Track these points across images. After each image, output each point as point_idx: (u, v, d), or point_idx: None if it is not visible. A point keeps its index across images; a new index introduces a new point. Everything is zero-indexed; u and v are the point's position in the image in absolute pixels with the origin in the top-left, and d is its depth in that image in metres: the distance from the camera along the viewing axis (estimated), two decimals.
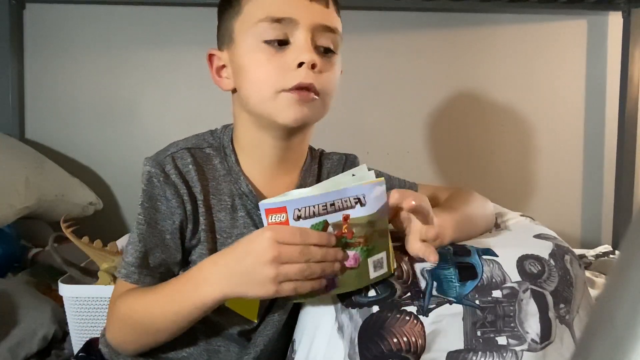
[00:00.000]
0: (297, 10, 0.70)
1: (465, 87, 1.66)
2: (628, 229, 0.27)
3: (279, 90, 0.70)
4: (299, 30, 0.70)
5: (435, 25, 1.64)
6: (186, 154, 0.74)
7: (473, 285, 0.68)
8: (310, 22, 0.70)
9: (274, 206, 0.60)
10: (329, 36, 0.72)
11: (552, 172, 1.69)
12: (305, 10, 0.70)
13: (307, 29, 0.70)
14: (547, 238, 0.77)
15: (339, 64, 0.76)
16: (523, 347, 0.65)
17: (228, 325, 0.75)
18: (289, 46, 0.70)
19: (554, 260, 0.71)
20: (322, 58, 0.71)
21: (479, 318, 0.66)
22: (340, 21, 0.76)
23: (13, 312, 1.01)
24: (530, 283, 0.69)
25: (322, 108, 0.74)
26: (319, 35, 0.71)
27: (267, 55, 0.70)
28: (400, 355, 0.65)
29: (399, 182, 0.88)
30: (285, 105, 0.70)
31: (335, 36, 0.73)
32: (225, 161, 0.77)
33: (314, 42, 0.71)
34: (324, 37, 0.72)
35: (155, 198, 0.72)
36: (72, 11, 1.57)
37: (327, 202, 0.60)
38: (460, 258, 0.70)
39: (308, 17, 0.70)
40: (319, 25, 0.71)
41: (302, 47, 0.70)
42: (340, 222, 0.62)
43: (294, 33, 0.70)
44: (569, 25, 1.66)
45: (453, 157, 1.68)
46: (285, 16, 0.70)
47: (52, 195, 1.39)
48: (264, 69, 0.70)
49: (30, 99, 1.58)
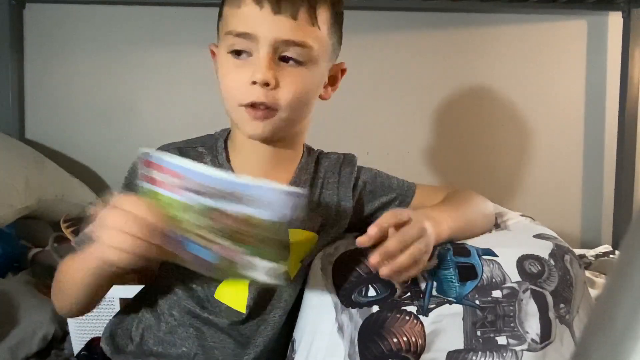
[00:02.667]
0: (259, 25, 0.69)
1: (465, 87, 1.66)
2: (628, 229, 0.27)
3: (237, 104, 0.72)
4: (259, 45, 0.70)
5: (435, 25, 1.64)
6: (175, 152, 0.76)
7: (473, 286, 0.68)
8: (272, 38, 0.69)
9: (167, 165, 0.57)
10: (295, 50, 0.71)
11: (552, 172, 1.69)
12: (268, 25, 0.69)
13: (268, 45, 0.70)
14: (547, 238, 0.77)
15: (311, 76, 0.74)
16: (523, 347, 0.65)
17: (217, 319, 0.75)
18: (250, 59, 0.71)
19: (554, 260, 0.71)
20: (284, 70, 0.71)
21: (479, 318, 0.66)
22: (324, 29, 0.74)
23: (13, 312, 1.01)
24: (530, 283, 0.69)
25: (286, 122, 0.74)
26: (284, 49, 0.71)
27: (232, 67, 0.72)
28: (400, 355, 0.65)
29: (398, 183, 0.87)
30: (244, 120, 0.73)
31: (302, 49, 0.71)
32: (216, 159, 0.78)
33: (277, 54, 0.71)
34: (289, 50, 0.71)
35: (133, 184, 0.75)
36: (72, 11, 1.57)
37: (224, 188, 0.56)
38: (460, 258, 0.70)
39: (270, 33, 0.69)
40: (280, 40, 0.70)
41: (257, 65, 0.70)
42: (229, 213, 0.57)
43: (253, 49, 0.71)
44: (569, 25, 1.66)
45: (453, 157, 1.68)
46: (246, 31, 0.70)
47: (52, 195, 1.39)
48: (229, 80, 0.73)
49: (30, 99, 1.58)
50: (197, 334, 0.76)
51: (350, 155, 0.88)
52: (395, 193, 0.85)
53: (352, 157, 0.88)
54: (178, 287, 0.77)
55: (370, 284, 0.69)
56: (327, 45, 0.76)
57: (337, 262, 0.73)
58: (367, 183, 0.85)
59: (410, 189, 0.86)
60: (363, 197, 0.84)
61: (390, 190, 0.85)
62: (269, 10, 0.69)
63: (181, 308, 0.76)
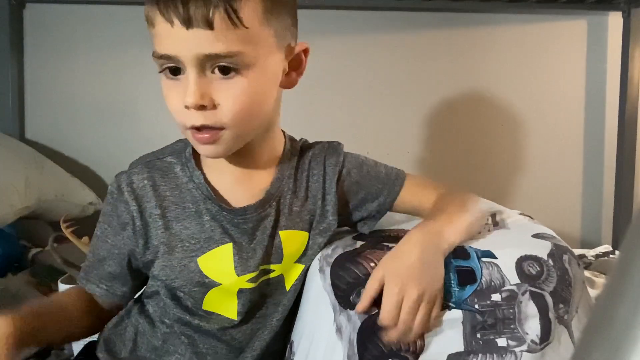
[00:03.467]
0: (176, 44, 0.63)
1: (465, 87, 1.66)
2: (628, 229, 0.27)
3: (182, 127, 0.68)
4: (184, 65, 0.64)
5: (435, 25, 1.64)
6: (143, 170, 0.74)
7: (472, 290, 0.68)
8: (193, 55, 0.62)
9: None
10: (222, 61, 0.63)
11: (552, 172, 1.69)
12: (185, 42, 0.62)
13: (191, 64, 0.63)
14: (546, 237, 0.76)
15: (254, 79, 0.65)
16: (522, 347, 0.65)
17: (209, 325, 0.75)
18: (182, 76, 0.65)
19: (553, 260, 0.71)
20: (220, 85, 0.64)
21: (478, 322, 0.66)
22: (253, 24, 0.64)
23: None
24: (529, 285, 0.68)
25: (238, 136, 0.68)
26: (209, 64, 0.64)
27: (167, 87, 0.67)
28: (399, 354, 0.65)
29: (386, 171, 0.83)
30: (195, 143, 0.69)
31: (231, 58, 0.63)
32: (186, 167, 0.75)
33: (206, 69, 0.64)
34: (215, 64, 0.64)
35: (108, 214, 0.76)
36: (72, 11, 1.57)
37: None
38: (460, 261, 0.70)
39: (189, 50, 0.62)
40: (201, 55, 0.62)
41: (186, 87, 0.64)
42: None
43: (181, 68, 0.65)
44: (569, 25, 1.66)
45: (453, 157, 1.68)
46: (165, 53, 0.64)
47: (52, 195, 1.39)
48: (168, 102, 0.68)
49: (30, 99, 1.58)
50: (189, 341, 0.75)
51: (335, 143, 0.83)
52: (382, 183, 0.81)
53: (337, 145, 0.83)
54: (166, 297, 0.75)
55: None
56: (264, 40, 0.66)
57: (335, 264, 0.73)
58: (352, 173, 0.80)
59: (399, 179, 0.82)
60: (348, 188, 0.80)
61: (378, 180, 0.81)
62: (180, 26, 0.61)
63: (171, 316, 0.76)
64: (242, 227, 0.73)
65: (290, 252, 0.76)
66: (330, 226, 0.78)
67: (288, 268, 0.77)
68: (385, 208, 0.83)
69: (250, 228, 0.74)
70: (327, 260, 0.75)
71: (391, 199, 0.82)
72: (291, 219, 0.76)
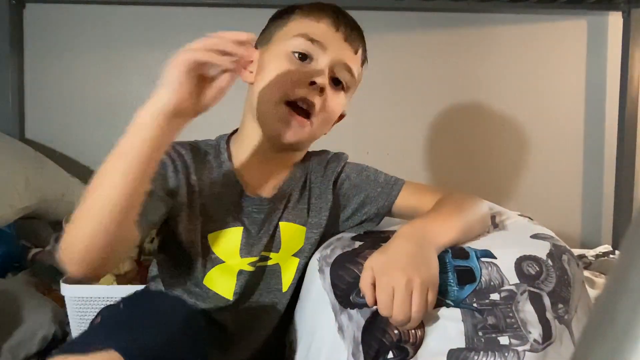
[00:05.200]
0: (331, 41, 0.80)
1: (465, 87, 1.66)
2: (628, 229, 0.27)
3: (283, 99, 0.77)
4: (324, 56, 0.79)
5: (435, 25, 1.64)
6: (186, 146, 0.82)
7: (471, 289, 0.68)
8: (336, 55, 0.79)
9: None
10: (346, 74, 0.82)
11: (552, 172, 1.69)
12: (337, 44, 0.80)
13: (331, 59, 0.79)
14: (545, 238, 0.77)
15: (344, 103, 0.84)
16: (525, 347, 0.65)
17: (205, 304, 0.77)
18: (310, 64, 0.79)
19: (552, 261, 0.71)
20: (331, 90, 0.80)
21: (478, 320, 0.66)
22: (361, 72, 0.86)
23: (13, 313, 1.01)
24: (528, 285, 0.69)
25: (311, 132, 0.80)
26: (338, 70, 0.81)
27: (290, 65, 0.78)
28: (399, 345, 0.65)
29: (385, 178, 0.87)
30: (280, 118, 0.78)
31: (351, 78, 0.82)
32: (218, 155, 0.83)
33: (332, 72, 0.80)
34: (342, 72, 0.81)
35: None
36: (72, 11, 1.57)
37: None
38: (459, 261, 0.70)
39: (336, 51, 0.80)
40: (341, 62, 0.80)
41: (319, 71, 0.78)
42: None
43: (319, 57, 0.79)
44: (569, 25, 1.66)
45: (453, 157, 1.68)
46: (320, 40, 0.79)
47: (52, 195, 1.39)
48: (282, 75, 0.78)
49: (30, 99, 1.58)
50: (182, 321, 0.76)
51: (341, 153, 0.91)
52: (380, 187, 0.86)
53: (342, 154, 0.91)
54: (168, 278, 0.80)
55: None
56: (356, 87, 0.86)
57: (335, 264, 0.73)
58: (351, 177, 0.87)
59: (397, 184, 0.86)
60: (348, 191, 0.86)
61: (376, 184, 0.86)
62: (342, 36, 0.81)
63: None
64: (254, 216, 0.81)
65: (288, 243, 0.81)
66: (321, 222, 0.83)
67: (285, 259, 0.81)
68: (384, 212, 0.86)
69: (261, 219, 0.81)
70: (326, 260, 0.75)
71: (390, 202, 0.85)
72: (293, 213, 0.82)
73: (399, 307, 0.63)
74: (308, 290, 0.77)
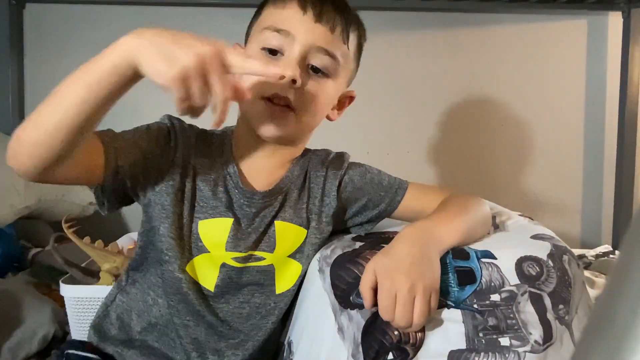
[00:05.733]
0: (299, 27, 0.74)
1: (465, 86, 1.66)
2: (628, 229, 0.27)
3: (258, 96, 0.74)
4: (294, 45, 0.74)
5: (435, 25, 1.64)
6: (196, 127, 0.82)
7: (472, 290, 0.68)
8: (307, 41, 0.74)
9: None
10: (324, 58, 0.75)
11: (552, 172, 1.69)
12: (307, 29, 0.74)
13: (302, 46, 0.73)
14: (545, 238, 0.76)
15: (332, 88, 0.78)
16: (526, 348, 0.65)
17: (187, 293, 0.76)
18: (282, 58, 0.74)
19: (552, 261, 0.71)
20: (310, 77, 0.75)
21: (479, 321, 0.66)
22: (350, 51, 0.79)
23: (13, 313, 1.01)
24: (529, 285, 0.68)
25: (297, 124, 0.76)
26: (314, 56, 0.75)
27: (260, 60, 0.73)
28: (399, 347, 0.65)
29: (389, 180, 0.86)
30: (259, 114, 0.75)
31: (332, 60, 0.76)
32: (221, 146, 0.82)
33: (306, 60, 0.74)
34: (318, 58, 0.75)
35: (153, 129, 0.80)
36: (72, 11, 1.57)
37: None
38: (460, 262, 0.70)
39: (307, 36, 0.74)
40: (314, 46, 0.74)
41: (288, 62, 0.73)
42: None
43: (290, 47, 0.74)
44: (569, 25, 1.66)
45: (453, 157, 1.68)
46: (285, 28, 0.74)
47: (52, 195, 1.39)
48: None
49: (30, 99, 1.58)
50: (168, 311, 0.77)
51: (342, 152, 0.89)
52: (384, 191, 0.84)
53: (343, 154, 0.88)
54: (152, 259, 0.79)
55: None
56: (349, 66, 0.80)
57: (335, 264, 0.73)
58: (355, 179, 0.84)
59: (401, 188, 0.85)
60: (350, 194, 0.84)
61: (380, 187, 0.85)
62: (311, 17, 0.74)
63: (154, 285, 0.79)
64: (245, 209, 0.78)
65: (283, 244, 0.79)
66: (324, 230, 0.81)
67: (280, 260, 0.79)
68: (385, 215, 0.85)
69: (252, 213, 0.78)
70: (326, 260, 0.75)
71: (392, 207, 0.84)
72: (291, 212, 0.80)
73: (401, 312, 0.63)
74: (308, 291, 0.77)
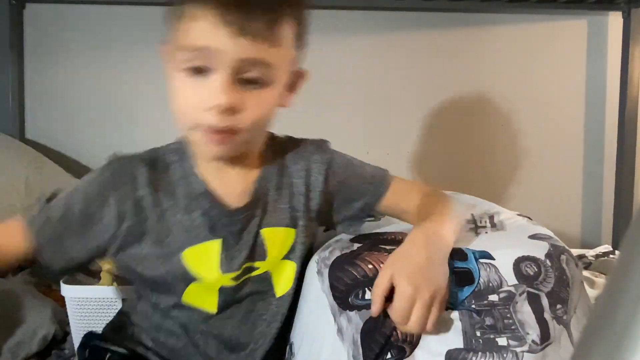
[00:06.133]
0: (221, 41, 0.64)
1: (465, 86, 1.66)
2: (628, 229, 0.27)
3: (194, 126, 0.68)
4: (219, 64, 0.64)
5: (435, 25, 1.64)
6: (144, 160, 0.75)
7: (470, 291, 0.68)
8: (233, 57, 0.64)
9: None
10: (259, 69, 0.66)
11: (552, 172, 1.69)
12: (231, 42, 0.63)
13: (228, 65, 0.64)
14: (543, 238, 0.76)
15: (273, 96, 0.70)
16: (524, 348, 0.65)
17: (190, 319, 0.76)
18: (208, 77, 0.65)
19: (550, 261, 0.71)
20: (246, 90, 0.66)
21: (477, 321, 0.66)
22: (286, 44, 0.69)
23: (13, 312, 1.01)
24: (527, 286, 0.68)
25: (245, 142, 0.71)
26: (245, 68, 0.65)
27: (186, 86, 0.67)
28: (397, 345, 0.65)
29: (372, 173, 0.83)
30: (201, 143, 0.69)
31: (266, 68, 0.66)
32: (184, 164, 0.75)
33: (237, 74, 0.65)
34: (251, 71, 0.66)
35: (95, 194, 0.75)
36: (72, 11, 1.57)
37: None
38: (458, 262, 0.70)
39: (231, 52, 0.64)
40: (243, 59, 0.64)
41: (216, 88, 0.64)
42: None
43: (216, 66, 0.65)
44: (569, 25, 1.66)
45: (453, 157, 1.68)
46: (206, 45, 0.64)
47: None
48: (183, 100, 0.68)
49: (30, 99, 1.58)
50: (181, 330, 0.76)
51: (321, 140, 0.84)
52: (368, 183, 0.82)
53: (323, 143, 0.84)
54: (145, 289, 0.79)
55: (367, 287, 0.69)
56: (288, 60, 0.71)
57: (333, 266, 0.73)
58: (339, 172, 0.81)
59: (385, 180, 0.83)
60: (334, 187, 0.81)
61: (364, 179, 0.82)
62: (235, 30, 0.63)
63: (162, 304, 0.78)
64: (231, 228, 0.74)
65: (275, 249, 0.77)
66: (312, 225, 0.79)
67: (275, 264, 0.77)
68: (370, 208, 0.83)
69: (238, 230, 0.75)
70: (324, 262, 0.75)
71: (376, 198, 0.82)
72: (275, 216, 0.77)
73: (418, 318, 0.62)
74: (307, 293, 0.77)
